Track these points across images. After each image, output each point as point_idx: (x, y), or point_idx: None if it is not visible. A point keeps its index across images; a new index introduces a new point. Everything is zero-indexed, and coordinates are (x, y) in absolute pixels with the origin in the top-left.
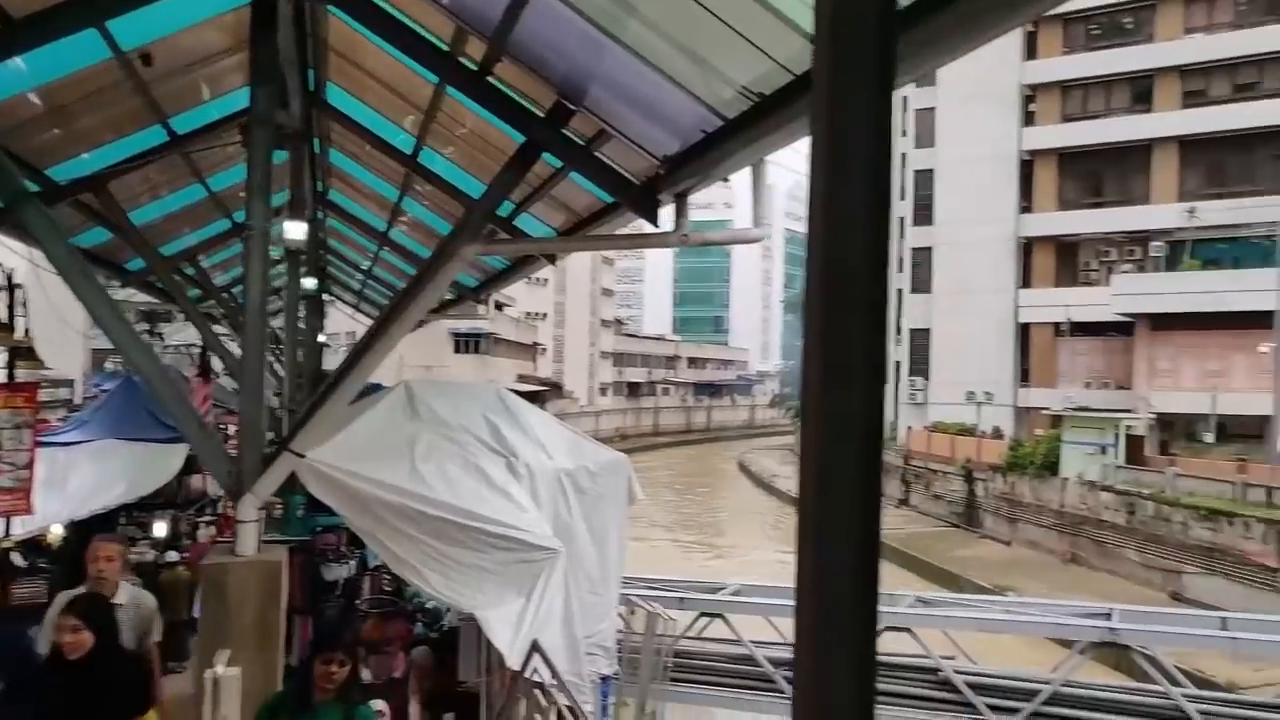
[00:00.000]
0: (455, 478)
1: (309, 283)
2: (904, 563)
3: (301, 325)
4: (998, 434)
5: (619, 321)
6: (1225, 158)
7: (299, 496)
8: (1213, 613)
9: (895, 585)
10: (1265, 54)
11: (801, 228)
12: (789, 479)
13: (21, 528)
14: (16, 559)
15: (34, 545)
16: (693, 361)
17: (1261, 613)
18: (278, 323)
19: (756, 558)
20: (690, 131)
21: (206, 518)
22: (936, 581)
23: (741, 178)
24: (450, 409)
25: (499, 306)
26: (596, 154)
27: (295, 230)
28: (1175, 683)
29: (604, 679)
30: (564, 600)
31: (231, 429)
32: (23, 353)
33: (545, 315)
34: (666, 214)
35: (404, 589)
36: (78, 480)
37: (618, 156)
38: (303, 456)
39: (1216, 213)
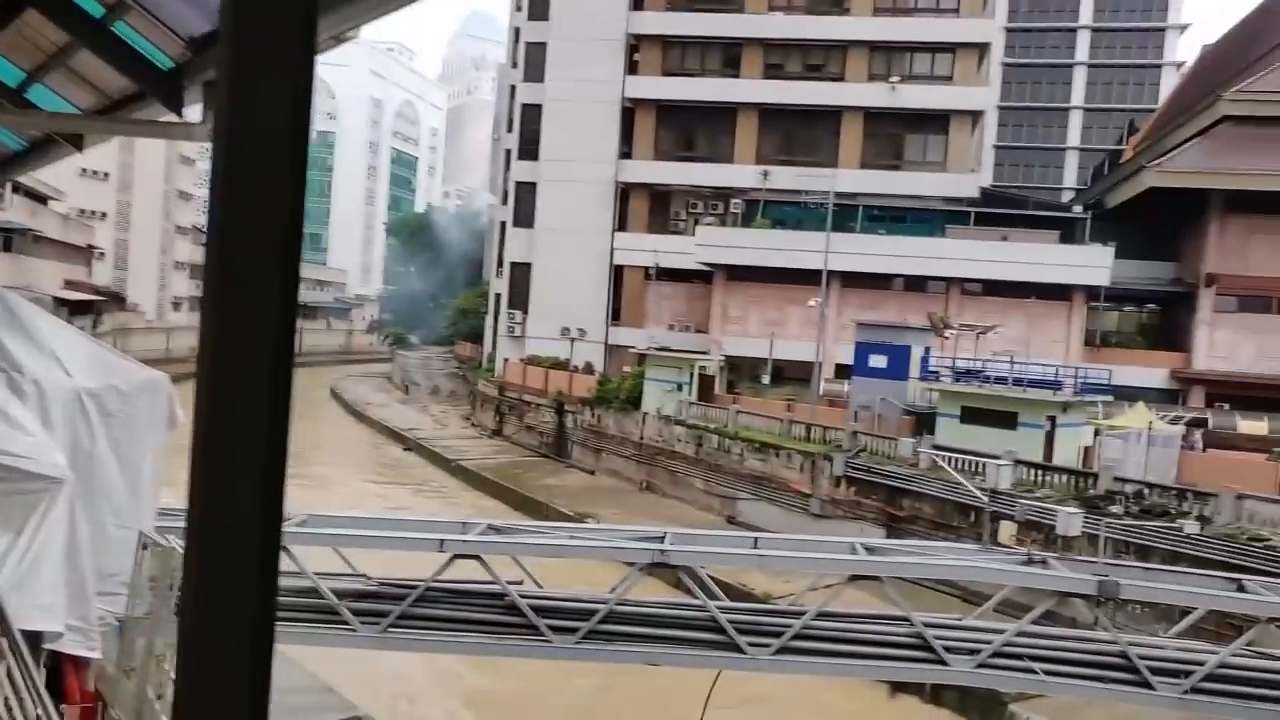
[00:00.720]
0: None
1: None
2: (493, 491)
3: None
4: (589, 369)
5: (199, 230)
6: (795, 128)
7: None
8: (747, 534)
9: (482, 513)
10: (830, 40)
11: (411, 149)
12: (383, 407)
13: None
14: None
15: None
16: None
17: (791, 532)
18: None
19: (354, 489)
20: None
21: None
22: (523, 509)
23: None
24: None
25: (41, 199)
26: (113, 28)
27: None
28: (713, 596)
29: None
30: (67, 535)
31: None
32: None
33: (105, 215)
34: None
35: None
36: None
37: (147, 32)
38: None
39: (786, 177)
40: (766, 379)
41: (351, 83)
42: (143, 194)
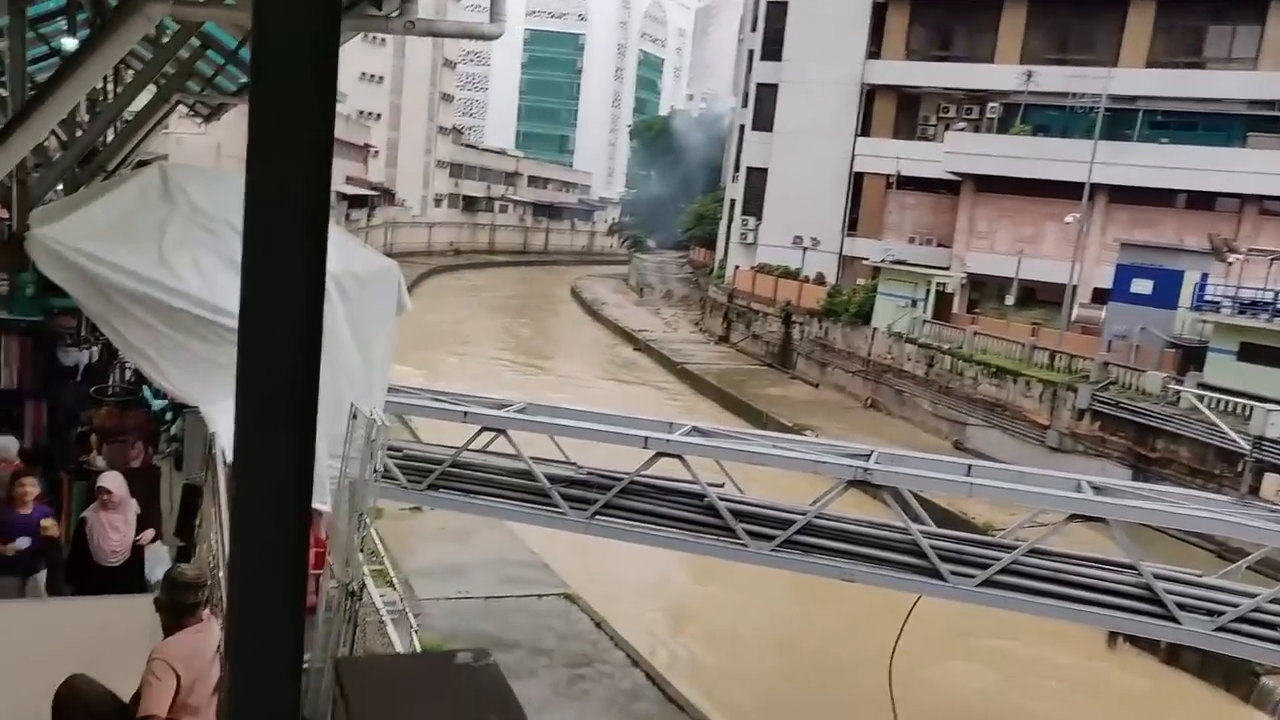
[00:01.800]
0: (209, 270)
1: (68, 42)
2: (715, 397)
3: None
4: (820, 280)
5: (458, 130)
6: (1070, 21)
7: (28, 274)
8: (961, 460)
9: (701, 417)
10: None
11: (658, 51)
12: (618, 308)
13: None
14: None
15: None
16: (534, 180)
17: (1024, 464)
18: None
19: (584, 384)
20: None
21: None
22: (743, 417)
23: None
24: (210, 199)
25: None
26: None
27: None
28: (920, 521)
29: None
30: None
31: None
32: None
33: (379, 116)
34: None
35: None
36: None
37: None
38: None
39: (1054, 79)
40: (1011, 300)
41: None
42: (411, 96)
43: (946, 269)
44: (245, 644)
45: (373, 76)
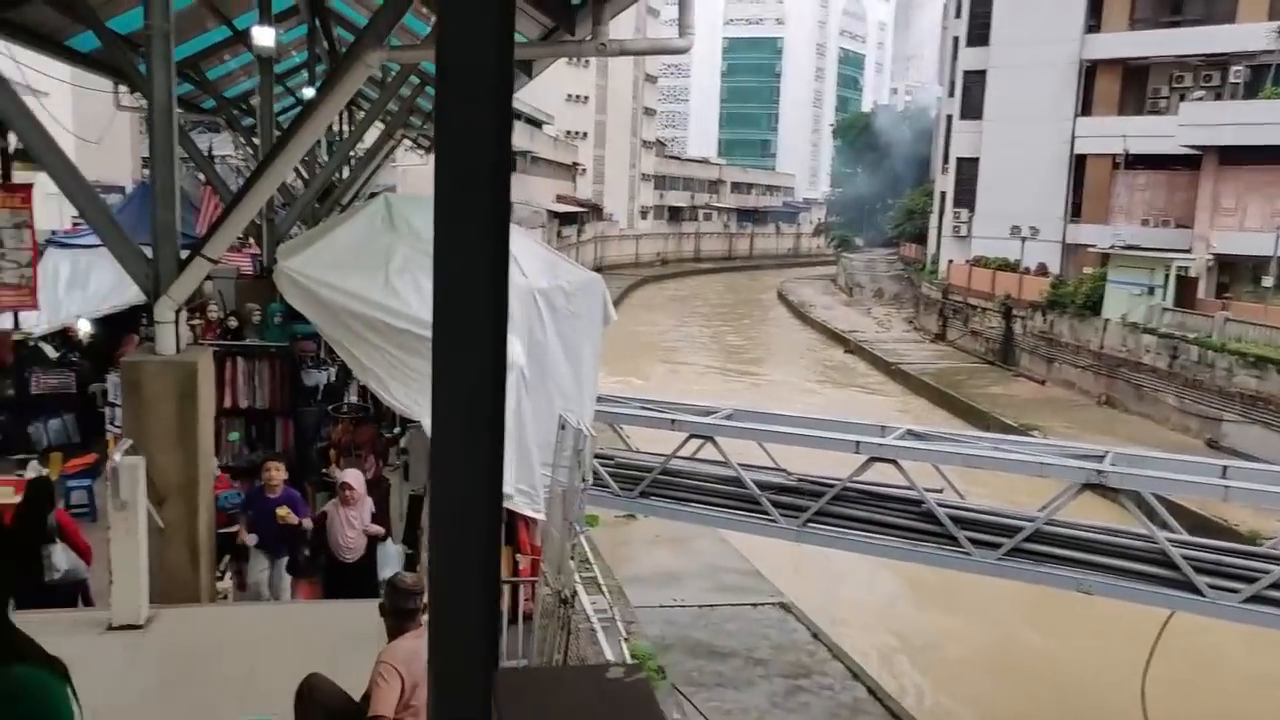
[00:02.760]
0: (429, 291)
1: (307, 92)
2: (933, 397)
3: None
4: (1042, 271)
5: (661, 143)
6: None
7: (277, 304)
8: (1213, 460)
9: (919, 419)
10: None
11: (858, 47)
12: (827, 310)
13: (47, 323)
14: (48, 350)
15: (64, 339)
16: (736, 186)
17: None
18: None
19: (796, 389)
20: None
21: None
22: (964, 418)
23: None
24: (428, 223)
25: (537, 124)
26: None
27: (263, 36)
28: (1165, 527)
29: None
30: (514, 412)
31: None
32: (18, 155)
33: (585, 135)
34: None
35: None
36: (98, 280)
37: None
38: (215, 261)
39: None
40: (1271, 281)
41: None
42: (615, 113)
43: (1187, 251)
44: (441, 647)
45: (578, 97)
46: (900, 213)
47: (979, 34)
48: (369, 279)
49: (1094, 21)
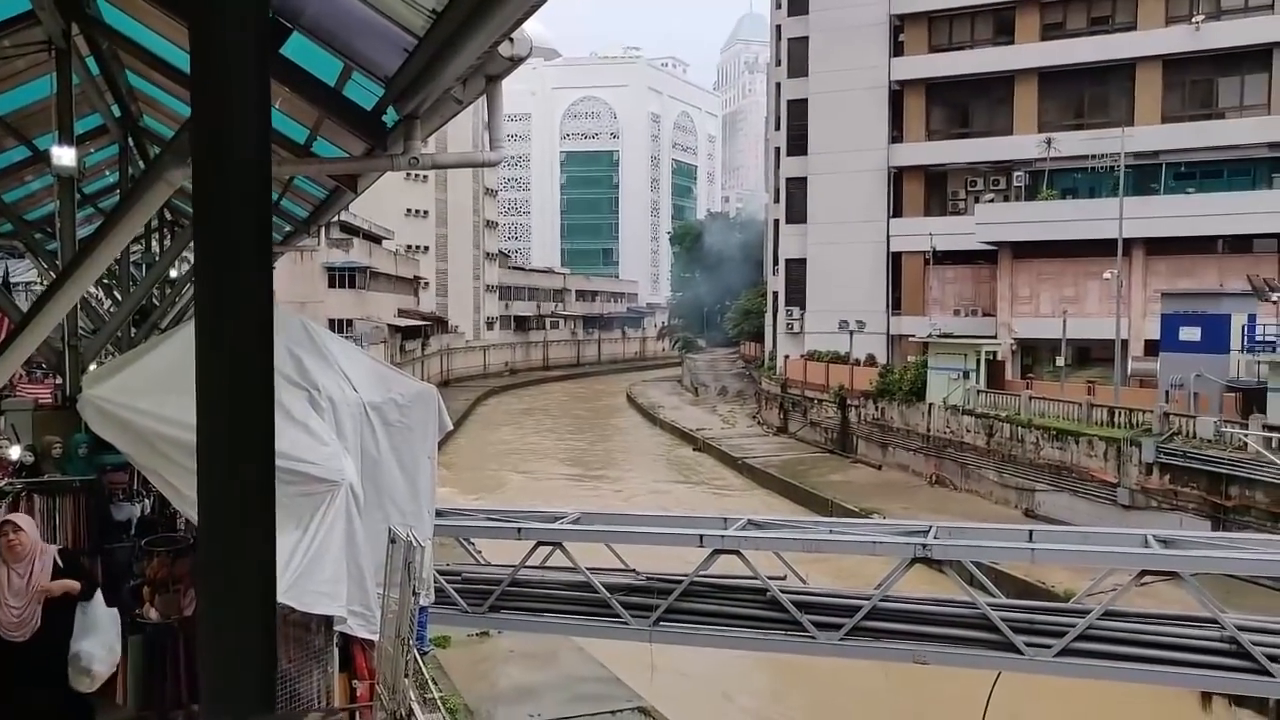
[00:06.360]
0: None
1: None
2: (779, 489)
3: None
4: (871, 361)
5: (505, 254)
6: (1081, 89)
7: (81, 435)
8: (1021, 527)
9: (770, 510)
10: None
11: (689, 159)
12: (674, 409)
13: None
14: None
15: None
16: (581, 294)
17: (1099, 525)
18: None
19: (645, 489)
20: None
21: None
22: (808, 506)
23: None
24: None
25: (376, 240)
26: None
27: (64, 156)
28: (986, 591)
29: (421, 609)
30: (345, 531)
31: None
32: None
33: (427, 249)
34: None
35: None
36: None
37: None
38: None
39: (1074, 143)
40: (1063, 360)
41: (631, 101)
42: (457, 227)
43: (994, 337)
44: None
45: (418, 211)
46: (738, 313)
47: (797, 144)
48: (188, 402)
49: (896, 132)
